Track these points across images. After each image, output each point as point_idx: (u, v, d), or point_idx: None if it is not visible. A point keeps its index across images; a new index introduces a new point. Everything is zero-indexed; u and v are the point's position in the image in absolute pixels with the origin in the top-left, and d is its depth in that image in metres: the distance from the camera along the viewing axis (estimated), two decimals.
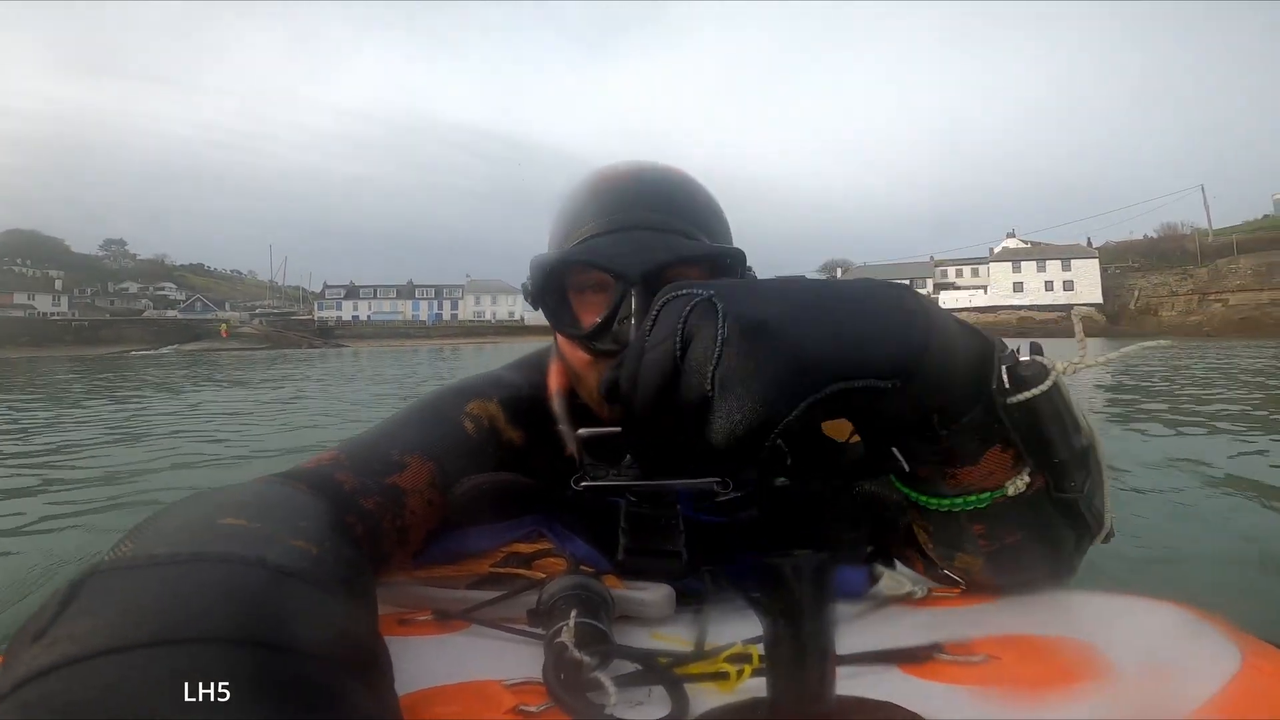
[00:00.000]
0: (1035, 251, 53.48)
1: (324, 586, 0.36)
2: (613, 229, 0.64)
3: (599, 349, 0.64)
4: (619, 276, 0.61)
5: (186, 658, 0.27)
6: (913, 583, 0.63)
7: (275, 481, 0.52)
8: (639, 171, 0.68)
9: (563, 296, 0.67)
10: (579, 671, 0.44)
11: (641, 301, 0.61)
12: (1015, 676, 0.43)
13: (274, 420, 6.47)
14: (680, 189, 0.68)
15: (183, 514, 0.41)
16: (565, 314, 0.66)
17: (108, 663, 0.26)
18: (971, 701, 0.42)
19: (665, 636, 0.55)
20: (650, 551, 0.64)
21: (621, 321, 0.61)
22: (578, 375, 0.68)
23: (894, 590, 0.63)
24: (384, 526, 0.56)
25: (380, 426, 0.68)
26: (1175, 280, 49.37)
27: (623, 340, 0.62)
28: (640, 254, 0.61)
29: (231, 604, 0.30)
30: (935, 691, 0.44)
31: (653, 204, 0.65)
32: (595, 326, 0.63)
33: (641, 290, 0.60)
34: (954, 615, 0.58)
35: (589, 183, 0.69)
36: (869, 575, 0.64)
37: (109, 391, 10.23)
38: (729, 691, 0.45)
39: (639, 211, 0.64)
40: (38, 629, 0.29)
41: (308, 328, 57.36)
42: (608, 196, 0.66)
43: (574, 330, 0.65)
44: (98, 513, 2.99)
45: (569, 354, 0.68)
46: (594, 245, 0.64)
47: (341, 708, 0.29)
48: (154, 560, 0.33)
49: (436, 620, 0.58)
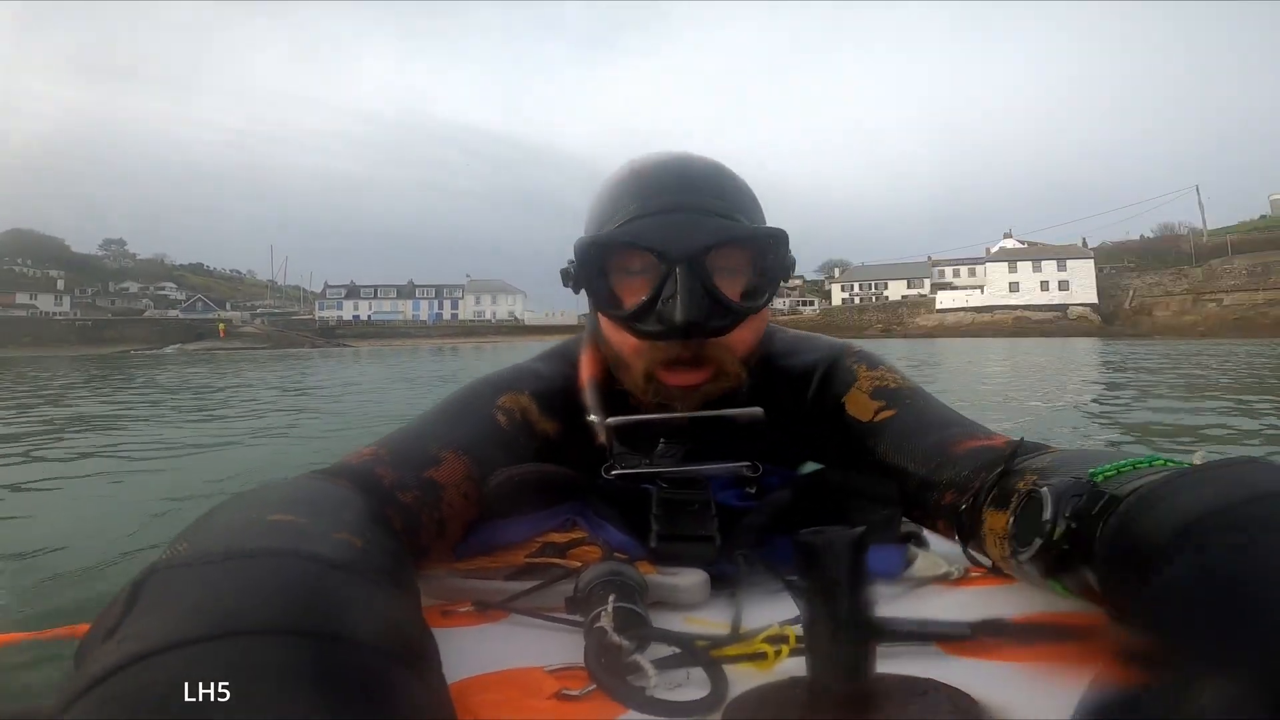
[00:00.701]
0: (1031, 252, 53.65)
1: (371, 578, 0.37)
2: (655, 211, 0.65)
3: (643, 330, 0.65)
4: (663, 257, 0.62)
5: (247, 649, 0.28)
6: (949, 563, 0.63)
7: (318, 477, 0.54)
8: (676, 159, 0.70)
9: (605, 279, 0.67)
10: (619, 655, 0.45)
11: (686, 282, 0.61)
12: (1056, 655, 0.42)
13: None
14: (718, 174, 0.69)
15: (233, 512, 0.43)
16: (608, 296, 0.67)
17: (175, 656, 0.27)
18: (1012, 679, 0.43)
19: (700, 621, 0.56)
20: (683, 537, 0.65)
21: (666, 301, 0.62)
22: (622, 360, 0.69)
23: (930, 571, 0.63)
24: (422, 520, 0.58)
25: (416, 422, 0.69)
26: (1170, 280, 49.54)
27: (667, 320, 0.62)
28: (684, 235, 0.62)
29: (287, 597, 0.31)
30: (977, 669, 0.44)
31: (692, 187, 0.66)
32: (639, 307, 0.64)
33: (685, 271, 0.61)
34: (990, 595, 0.59)
35: (627, 171, 0.70)
36: (904, 556, 0.64)
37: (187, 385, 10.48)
38: (767, 671, 0.45)
39: (680, 195, 0.65)
40: (107, 628, 0.30)
41: (309, 327, 57.47)
42: (648, 181, 0.67)
43: (617, 311, 0.66)
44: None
45: (614, 338, 0.69)
46: (638, 227, 0.64)
47: (396, 695, 0.30)
48: (209, 557, 0.34)
49: (477, 611, 0.59)
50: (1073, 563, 0.45)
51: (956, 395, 6.45)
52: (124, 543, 2.12)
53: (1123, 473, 0.46)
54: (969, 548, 0.59)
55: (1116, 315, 47.58)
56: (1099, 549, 0.42)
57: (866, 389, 0.76)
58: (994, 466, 0.58)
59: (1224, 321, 41.10)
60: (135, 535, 2.21)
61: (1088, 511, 0.44)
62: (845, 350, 0.82)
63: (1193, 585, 0.31)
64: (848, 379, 0.78)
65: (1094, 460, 0.49)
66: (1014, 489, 0.54)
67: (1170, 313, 46.38)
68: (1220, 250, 50.75)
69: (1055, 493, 0.46)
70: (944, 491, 0.63)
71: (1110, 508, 0.42)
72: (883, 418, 0.73)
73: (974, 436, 0.67)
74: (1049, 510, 0.46)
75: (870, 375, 0.78)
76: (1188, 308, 45.79)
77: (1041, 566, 0.47)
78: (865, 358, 0.81)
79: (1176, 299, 47.36)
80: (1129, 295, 49.91)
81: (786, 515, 0.67)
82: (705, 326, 0.63)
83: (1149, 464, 0.46)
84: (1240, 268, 45.62)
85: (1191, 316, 44.23)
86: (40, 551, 2.06)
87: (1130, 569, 0.37)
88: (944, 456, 0.66)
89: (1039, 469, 0.54)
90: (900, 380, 0.77)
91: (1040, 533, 0.46)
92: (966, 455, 0.64)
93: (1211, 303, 44.79)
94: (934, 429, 0.70)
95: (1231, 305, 43.26)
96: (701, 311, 0.62)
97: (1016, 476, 0.55)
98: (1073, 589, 0.46)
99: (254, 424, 5.59)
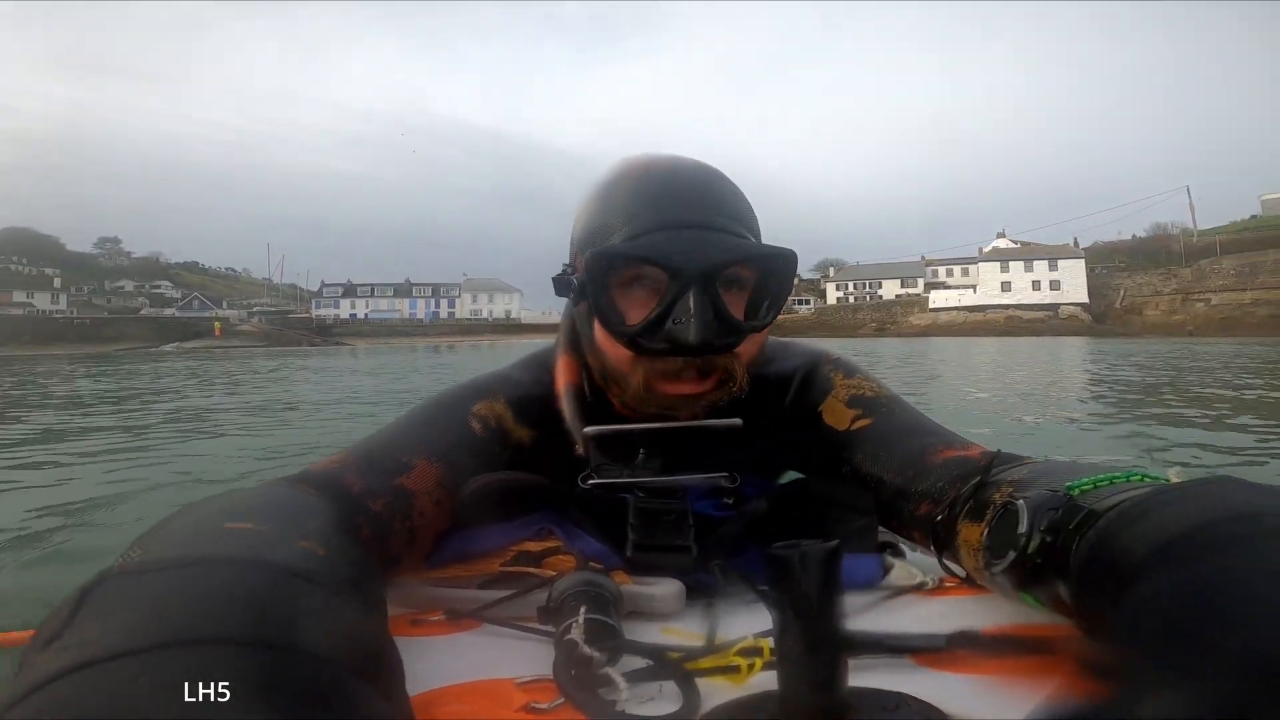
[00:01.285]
0: (1023, 251, 54.17)
1: (331, 587, 0.36)
2: (665, 226, 0.63)
3: (647, 347, 0.63)
4: (677, 275, 0.61)
5: (195, 660, 0.27)
6: (924, 573, 0.64)
7: (283, 485, 0.53)
8: (676, 167, 0.68)
9: (607, 292, 0.66)
10: (589, 668, 0.45)
11: (699, 301, 0.60)
12: (1028, 667, 0.42)
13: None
14: (722, 187, 0.68)
15: (190, 519, 0.42)
16: (611, 310, 0.65)
17: (118, 666, 0.26)
18: (984, 692, 0.43)
19: (676, 631, 0.56)
20: (659, 547, 0.64)
21: (675, 321, 0.61)
22: (615, 373, 0.68)
23: (906, 581, 0.63)
24: (393, 528, 0.57)
25: (388, 429, 0.68)
26: (1160, 280, 50.28)
27: (676, 340, 0.61)
28: (699, 253, 0.61)
29: (239, 605, 0.30)
30: (949, 683, 0.44)
31: (699, 201, 0.65)
32: (645, 324, 0.63)
33: (699, 290, 0.60)
34: (965, 605, 0.59)
35: (625, 176, 0.68)
36: (881, 565, 0.65)
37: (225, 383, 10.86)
38: (740, 685, 0.45)
39: (689, 210, 0.64)
40: (50, 634, 0.30)
41: (306, 326, 57.33)
42: (651, 193, 0.65)
43: (622, 328, 0.64)
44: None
45: (608, 350, 0.67)
46: (650, 242, 0.63)
47: (351, 708, 0.29)
48: (161, 564, 0.33)
49: (449, 620, 0.58)
50: (1046, 576, 0.45)
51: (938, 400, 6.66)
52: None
53: (1099, 487, 0.46)
54: (944, 558, 0.60)
55: (1107, 315, 48.25)
56: (1075, 562, 0.42)
57: (843, 397, 0.77)
58: (969, 477, 0.59)
59: (1211, 321, 41.75)
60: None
61: (1064, 525, 0.44)
62: (823, 358, 0.83)
63: (1170, 600, 0.32)
64: (825, 387, 0.79)
65: (1070, 473, 0.50)
66: (989, 501, 0.54)
67: (1160, 312, 47.09)
68: (1209, 250, 51.42)
69: (1031, 505, 0.47)
70: (919, 502, 0.64)
71: (1088, 522, 0.43)
72: (859, 426, 0.73)
73: (950, 446, 0.67)
74: (1024, 523, 0.46)
75: (847, 384, 0.78)
76: (1177, 307, 46.50)
77: (1014, 578, 0.47)
78: (842, 365, 0.82)
79: (1166, 299, 48.08)
80: (1120, 295, 50.60)
81: (763, 525, 0.67)
82: (715, 345, 0.63)
83: (1126, 479, 0.47)
84: (1228, 268, 46.29)
85: (1180, 316, 44.91)
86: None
87: (1107, 583, 0.38)
88: (920, 466, 0.66)
89: (1014, 481, 0.55)
90: (877, 389, 0.78)
91: (1015, 545, 0.46)
92: (942, 465, 0.64)
93: (1200, 302, 45.47)
94: (910, 438, 0.70)
95: (1219, 305, 43.94)
96: (712, 331, 0.62)
97: (992, 488, 0.56)
98: (1044, 601, 0.47)
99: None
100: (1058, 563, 0.44)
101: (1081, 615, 0.42)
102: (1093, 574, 0.40)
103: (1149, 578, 0.34)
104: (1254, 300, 41.95)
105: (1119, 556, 0.38)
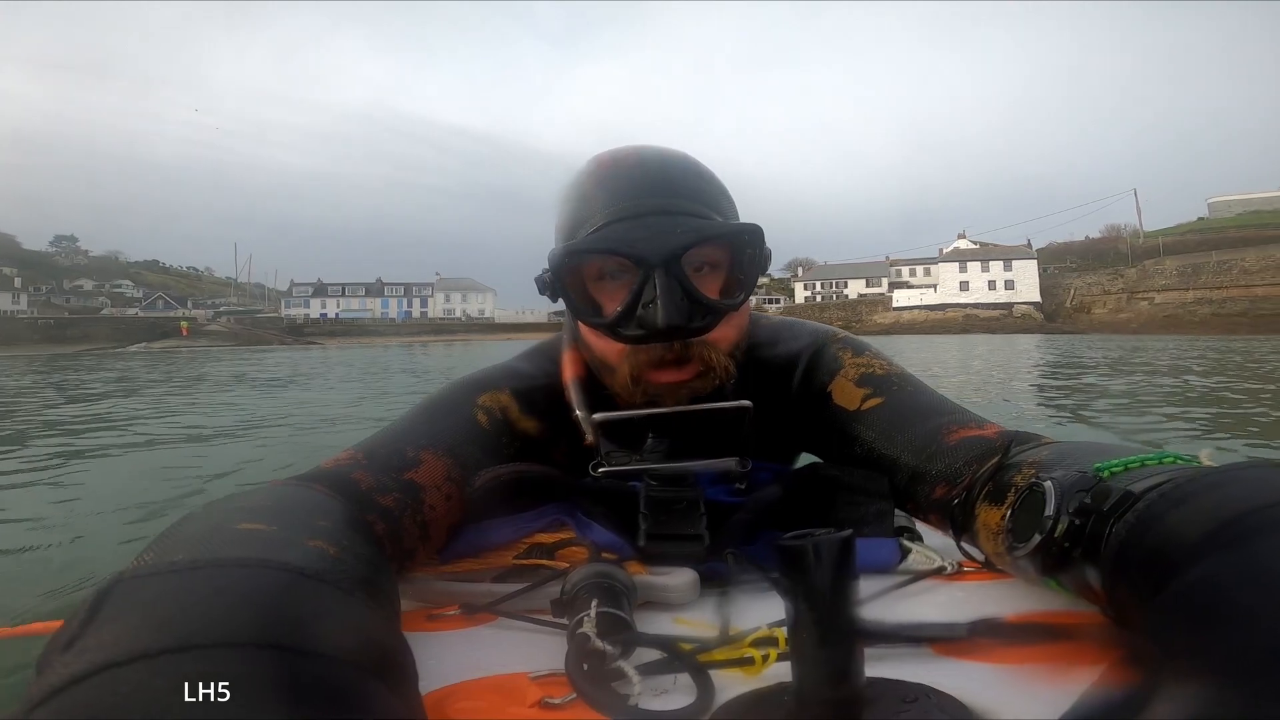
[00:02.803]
0: (980, 253, 55.47)
1: (343, 587, 0.36)
2: (627, 215, 0.64)
3: (625, 335, 0.64)
4: (640, 262, 0.61)
5: (209, 663, 0.27)
6: (942, 557, 0.63)
7: (293, 484, 0.53)
8: (643, 156, 0.68)
9: (581, 287, 0.66)
10: (602, 662, 0.44)
11: (664, 285, 0.60)
12: (1054, 656, 0.38)
13: None
14: (686, 170, 0.68)
15: (202, 522, 0.42)
16: (586, 304, 0.66)
17: (134, 669, 0.27)
18: (1008, 683, 0.41)
19: (689, 621, 0.55)
20: (672, 536, 0.64)
21: (645, 306, 0.61)
22: (606, 364, 0.68)
23: (923, 565, 0.63)
24: (404, 523, 0.57)
25: (394, 424, 0.68)
26: (1107, 280, 52.16)
27: (648, 325, 0.62)
28: (659, 238, 0.61)
29: (251, 608, 0.31)
30: (971, 672, 0.43)
31: (662, 188, 0.65)
32: (619, 314, 0.63)
33: (663, 274, 0.60)
34: (986, 591, 0.58)
35: (593, 172, 0.68)
36: (898, 549, 0.64)
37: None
38: (755, 677, 0.44)
39: (650, 196, 0.64)
40: (68, 638, 0.30)
41: (277, 325, 55.71)
42: (616, 183, 0.66)
43: (598, 319, 0.65)
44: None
45: (596, 344, 0.68)
46: (611, 233, 0.63)
47: (361, 708, 0.29)
48: (174, 567, 0.33)
49: (464, 614, 0.59)
50: (1074, 560, 0.43)
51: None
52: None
53: (1130, 469, 0.45)
54: (962, 542, 0.58)
55: (1058, 313, 49.94)
56: (1110, 546, 0.40)
57: (852, 376, 0.75)
58: (987, 458, 0.58)
59: (1154, 319, 43.53)
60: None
61: (1096, 508, 0.42)
62: (830, 337, 0.81)
63: (1230, 585, 0.30)
64: (833, 366, 0.77)
65: (1097, 454, 0.48)
66: (1010, 483, 0.53)
67: (1106, 310, 48.87)
68: (1155, 251, 53.63)
69: (1059, 487, 0.45)
70: (935, 484, 0.62)
71: (1125, 504, 0.41)
72: (870, 406, 0.72)
73: (965, 426, 0.65)
74: (1051, 505, 0.45)
75: (856, 362, 0.77)
76: (1122, 306, 48.27)
77: (1039, 563, 0.46)
78: (851, 344, 0.80)
79: (1113, 298, 49.92)
80: (1070, 294, 52.38)
81: (776, 511, 0.66)
82: (687, 328, 0.63)
83: (1158, 461, 0.45)
84: (1171, 268, 48.35)
85: (1125, 314, 46.61)
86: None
87: (1153, 568, 0.36)
88: (935, 447, 0.64)
89: (1035, 462, 0.53)
90: (888, 366, 0.76)
91: (1040, 529, 0.45)
92: (958, 446, 0.63)
93: (1144, 301, 47.37)
94: (923, 417, 0.68)
95: (1162, 303, 45.92)
96: (682, 313, 0.61)
97: (1012, 469, 0.54)
98: (1070, 587, 0.46)
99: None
100: (1088, 547, 0.43)
101: (1114, 602, 0.41)
102: (1132, 559, 0.38)
103: (1202, 562, 0.32)
104: (1196, 299, 43.93)
105: (1165, 541, 0.36)
